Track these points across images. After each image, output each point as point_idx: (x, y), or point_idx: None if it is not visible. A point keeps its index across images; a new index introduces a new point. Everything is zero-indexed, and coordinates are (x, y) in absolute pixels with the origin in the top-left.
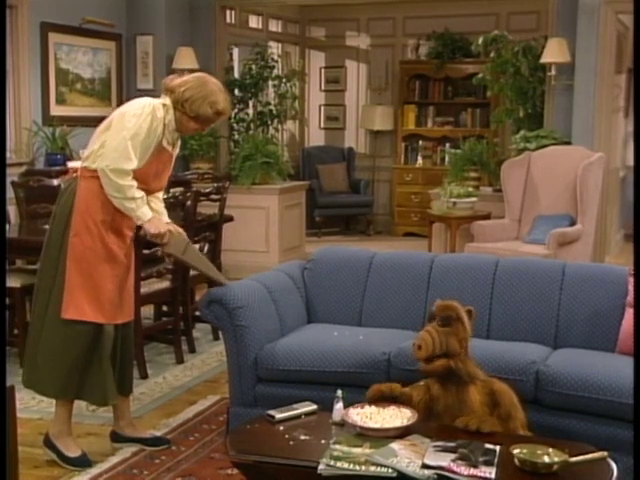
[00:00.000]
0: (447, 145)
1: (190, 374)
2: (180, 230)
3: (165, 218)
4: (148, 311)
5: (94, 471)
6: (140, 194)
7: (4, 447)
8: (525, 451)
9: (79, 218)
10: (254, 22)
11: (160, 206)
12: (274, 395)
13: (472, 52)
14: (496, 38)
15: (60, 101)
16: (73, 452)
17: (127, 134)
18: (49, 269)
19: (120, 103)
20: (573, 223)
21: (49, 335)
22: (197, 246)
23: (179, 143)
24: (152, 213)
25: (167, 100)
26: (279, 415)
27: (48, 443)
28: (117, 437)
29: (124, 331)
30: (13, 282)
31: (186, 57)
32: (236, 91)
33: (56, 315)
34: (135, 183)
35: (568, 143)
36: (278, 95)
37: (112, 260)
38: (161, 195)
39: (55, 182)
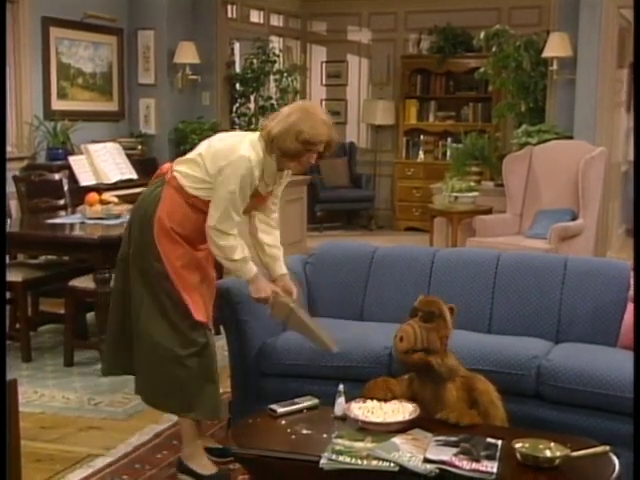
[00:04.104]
0: (449, 140)
1: None
2: (291, 290)
3: (278, 266)
4: None
5: (97, 465)
6: (240, 255)
7: (4, 441)
8: (527, 445)
9: (159, 226)
10: (255, 17)
11: (271, 243)
12: (276, 389)
13: (474, 47)
14: (498, 33)
15: (61, 95)
16: (209, 470)
17: (226, 193)
18: (137, 279)
19: (121, 98)
20: (575, 218)
21: (152, 343)
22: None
23: (286, 176)
24: (255, 271)
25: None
26: (281, 409)
27: (182, 467)
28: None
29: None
30: (15, 276)
31: (187, 52)
32: (237, 85)
33: (148, 329)
34: (236, 243)
35: (570, 138)
36: (279, 89)
37: (195, 267)
38: (276, 230)
39: (56, 176)
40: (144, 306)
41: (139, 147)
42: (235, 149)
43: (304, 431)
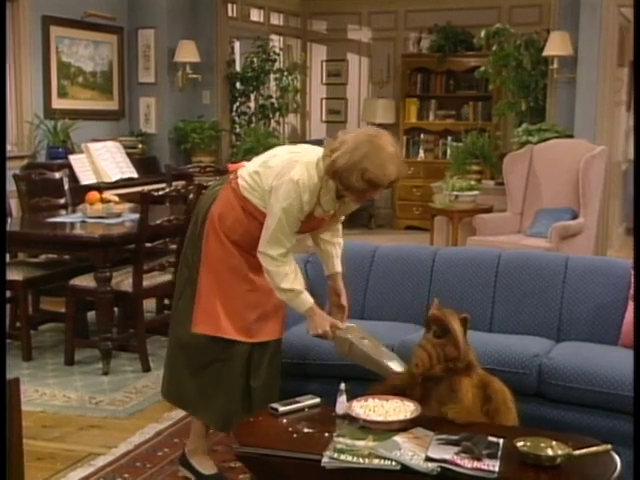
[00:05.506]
0: (449, 138)
1: None
2: (339, 291)
3: (331, 263)
4: (150, 304)
5: (98, 464)
6: (289, 285)
7: (4, 440)
8: (529, 444)
9: (210, 224)
10: (255, 15)
11: (327, 238)
12: None
13: (474, 45)
14: (498, 31)
15: (62, 94)
16: (208, 470)
17: (274, 218)
18: (182, 270)
19: (122, 96)
20: (575, 216)
21: (178, 340)
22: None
23: (352, 203)
24: (310, 305)
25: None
26: (282, 408)
27: (184, 462)
28: None
29: (261, 354)
30: (15, 275)
31: (188, 50)
32: (238, 84)
33: (180, 320)
34: (285, 270)
35: (570, 136)
36: (280, 88)
37: (241, 275)
38: (340, 240)
39: (57, 175)
40: (182, 298)
41: (139, 146)
42: (287, 170)
43: (305, 430)
